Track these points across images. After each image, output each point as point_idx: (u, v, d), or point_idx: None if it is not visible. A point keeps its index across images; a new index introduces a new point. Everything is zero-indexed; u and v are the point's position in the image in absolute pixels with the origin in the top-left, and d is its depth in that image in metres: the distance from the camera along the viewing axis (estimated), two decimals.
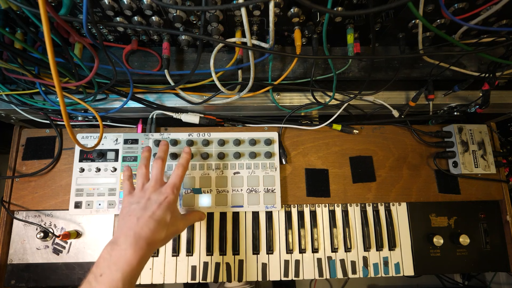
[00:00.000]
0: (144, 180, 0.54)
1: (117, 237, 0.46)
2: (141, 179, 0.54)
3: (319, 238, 0.66)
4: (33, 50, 0.48)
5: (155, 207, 0.49)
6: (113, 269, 0.42)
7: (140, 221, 0.46)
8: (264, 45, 0.52)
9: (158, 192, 0.51)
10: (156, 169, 0.54)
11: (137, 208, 0.49)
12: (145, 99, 0.63)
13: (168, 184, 0.53)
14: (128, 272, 0.42)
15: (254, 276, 0.64)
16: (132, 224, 0.46)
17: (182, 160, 0.57)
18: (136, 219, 0.47)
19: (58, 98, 0.35)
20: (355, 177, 0.69)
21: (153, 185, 0.52)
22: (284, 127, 0.70)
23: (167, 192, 0.51)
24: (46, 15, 0.31)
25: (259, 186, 0.65)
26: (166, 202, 0.50)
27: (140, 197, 0.51)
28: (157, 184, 0.53)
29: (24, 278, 0.62)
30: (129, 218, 0.47)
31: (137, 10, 0.48)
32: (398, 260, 0.66)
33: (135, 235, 0.45)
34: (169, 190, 0.51)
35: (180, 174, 0.54)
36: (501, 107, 0.70)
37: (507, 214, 0.68)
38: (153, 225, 0.47)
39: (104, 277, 0.41)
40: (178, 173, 0.54)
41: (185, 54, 0.63)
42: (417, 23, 0.53)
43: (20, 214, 0.65)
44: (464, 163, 0.66)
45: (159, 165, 0.55)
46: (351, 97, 0.65)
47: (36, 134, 0.68)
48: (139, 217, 0.47)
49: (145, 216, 0.47)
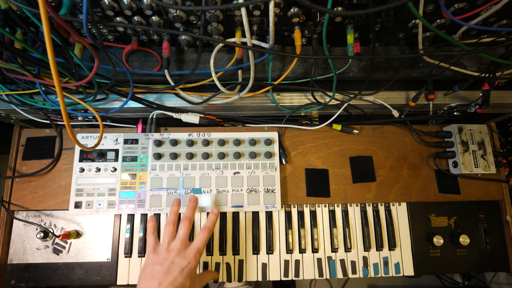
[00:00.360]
0: (170, 239, 0.55)
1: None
2: (167, 237, 0.55)
3: (319, 238, 0.66)
4: (33, 50, 0.48)
5: (177, 273, 0.50)
6: None
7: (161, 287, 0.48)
8: (264, 45, 0.52)
9: (182, 256, 0.52)
10: (183, 230, 0.55)
11: (160, 270, 0.50)
12: (145, 99, 0.63)
13: (192, 248, 0.53)
14: None
15: (254, 276, 0.64)
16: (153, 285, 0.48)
17: (209, 223, 0.57)
18: (158, 283, 0.48)
19: (58, 98, 0.35)
20: (355, 177, 0.69)
21: (179, 247, 0.53)
22: (284, 127, 0.70)
23: (190, 257, 0.52)
24: (46, 15, 0.31)
25: (259, 186, 0.65)
26: (188, 269, 0.51)
27: (164, 259, 0.52)
28: (182, 246, 0.53)
29: (24, 278, 0.62)
30: (152, 280, 0.49)
31: (137, 10, 0.48)
32: (398, 260, 0.66)
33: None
34: (193, 256, 0.52)
35: (205, 239, 0.55)
36: (501, 107, 0.70)
37: (507, 214, 0.68)
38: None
39: None
40: (203, 238, 0.55)
41: (185, 54, 0.63)
42: (417, 23, 0.53)
43: (20, 214, 0.65)
44: (464, 163, 0.66)
45: (186, 226, 0.55)
46: (351, 97, 0.65)
47: (36, 134, 0.68)
48: (161, 282, 0.49)
49: (166, 282, 0.48)
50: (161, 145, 0.66)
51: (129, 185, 0.64)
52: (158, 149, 0.66)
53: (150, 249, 0.54)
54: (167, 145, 0.66)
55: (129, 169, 0.65)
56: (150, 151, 0.65)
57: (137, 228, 0.64)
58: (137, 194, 0.64)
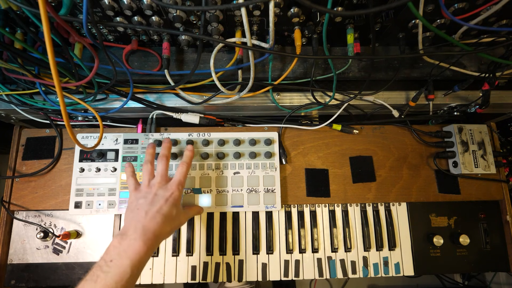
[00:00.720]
0: (150, 176, 0.56)
1: (126, 229, 0.48)
2: (147, 175, 0.56)
3: (319, 238, 0.66)
4: (33, 50, 0.48)
5: (162, 202, 0.51)
6: (123, 256, 0.44)
7: (148, 215, 0.49)
8: (264, 45, 0.52)
9: (164, 188, 0.53)
10: (161, 166, 0.56)
11: (144, 202, 0.51)
12: (145, 99, 0.63)
13: (174, 181, 0.55)
14: (136, 260, 0.44)
15: (254, 276, 0.64)
16: (140, 218, 0.49)
17: (185, 158, 0.59)
18: (145, 212, 0.49)
19: (58, 98, 0.35)
20: (355, 177, 0.69)
21: (159, 181, 0.54)
22: (284, 127, 0.70)
23: (172, 188, 0.53)
24: (46, 15, 0.31)
25: (259, 186, 0.65)
26: (172, 198, 0.52)
27: (147, 193, 0.53)
28: (163, 181, 0.55)
29: (24, 278, 0.62)
30: (138, 211, 0.50)
31: (137, 10, 0.48)
32: (398, 260, 0.66)
33: (144, 228, 0.47)
34: (175, 187, 0.54)
35: (184, 171, 0.57)
36: (501, 107, 0.70)
37: (507, 214, 0.68)
38: (160, 219, 0.49)
39: (114, 262, 0.43)
40: (182, 171, 0.57)
41: (185, 54, 0.63)
42: (417, 23, 0.53)
43: (20, 214, 0.65)
44: (464, 163, 0.66)
45: (163, 162, 0.57)
46: (351, 97, 0.65)
47: (36, 134, 0.68)
48: (147, 211, 0.49)
49: (153, 210, 0.50)
50: (161, 145, 0.66)
51: None
52: (158, 149, 0.66)
53: (131, 189, 0.55)
54: None
55: None
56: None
57: None
58: None
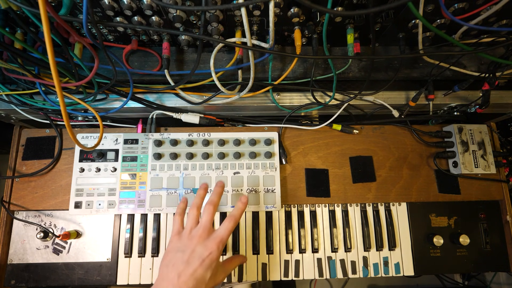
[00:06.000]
0: (193, 224, 0.54)
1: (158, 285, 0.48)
2: (190, 222, 0.54)
3: (319, 238, 0.66)
4: (33, 50, 0.48)
5: (198, 264, 0.49)
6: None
7: (180, 279, 0.47)
8: (264, 45, 0.52)
9: (203, 245, 0.50)
10: (206, 215, 0.53)
11: (180, 259, 0.49)
12: (145, 99, 0.63)
13: (215, 237, 0.51)
14: None
15: (254, 276, 0.64)
16: (173, 279, 0.47)
17: (236, 211, 0.55)
18: (178, 275, 0.48)
19: (58, 98, 0.35)
20: (355, 177, 0.69)
21: (200, 234, 0.51)
22: (284, 127, 0.70)
23: (212, 247, 0.50)
24: (46, 15, 0.31)
25: (259, 186, 0.65)
26: (209, 259, 0.49)
27: (186, 246, 0.51)
28: (205, 233, 0.52)
29: (24, 278, 0.62)
30: (172, 270, 0.48)
31: (137, 10, 0.48)
32: (398, 260, 0.66)
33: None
34: (215, 246, 0.50)
35: (230, 228, 0.53)
36: (501, 107, 0.70)
37: (507, 214, 0.68)
38: (192, 284, 0.47)
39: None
40: (228, 227, 0.53)
41: (185, 54, 0.63)
42: (417, 23, 0.53)
43: (20, 214, 0.65)
44: (464, 163, 0.66)
45: (210, 211, 0.54)
46: (351, 97, 0.65)
47: (36, 134, 0.68)
48: (180, 273, 0.48)
49: (186, 273, 0.48)
50: (161, 145, 0.66)
51: (129, 185, 0.64)
52: (158, 149, 0.66)
53: (174, 231, 0.54)
54: (167, 145, 0.66)
55: (129, 169, 0.65)
56: (150, 151, 0.65)
57: (137, 228, 0.64)
58: (137, 194, 0.64)
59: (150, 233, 0.64)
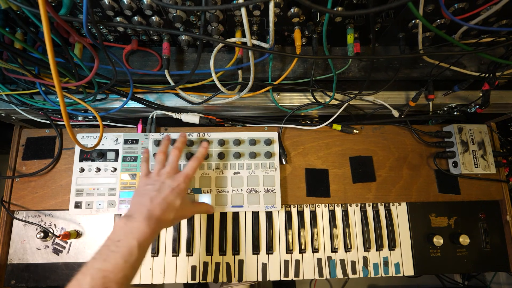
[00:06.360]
0: (161, 166, 0.58)
1: (132, 212, 0.50)
2: (158, 164, 0.58)
3: (319, 238, 0.66)
4: (33, 50, 0.48)
5: (168, 191, 0.52)
6: (129, 237, 0.45)
7: (153, 201, 0.50)
8: (264, 45, 0.52)
9: (172, 178, 0.55)
10: (172, 157, 0.58)
11: (151, 189, 0.53)
12: (145, 99, 0.63)
13: (182, 173, 0.56)
14: (142, 241, 0.45)
15: (254, 276, 0.64)
16: (146, 202, 0.50)
17: (198, 154, 0.60)
18: (150, 199, 0.51)
19: (58, 98, 0.35)
20: (355, 177, 0.69)
21: (168, 171, 0.56)
22: (284, 127, 0.70)
23: (180, 180, 0.55)
24: (46, 15, 0.31)
25: (259, 186, 0.65)
26: (178, 188, 0.54)
27: (155, 180, 0.55)
28: (172, 171, 0.56)
29: (24, 278, 0.62)
30: (144, 197, 0.52)
31: (137, 10, 0.48)
32: (398, 260, 0.66)
33: (149, 212, 0.49)
34: (182, 179, 0.55)
35: (194, 166, 0.58)
36: (501, 107, 0.70)
37: (507, 214, 0.68)
38: (165, 206, 0.51)
39: (122, 242, 0.44)
40: (193, 165, 0.58)
41: (185, 54, 0.63)
42: (417, 23, 0.53)
43: (20, 214, 0.65)
44: (464, 163, 0.66)
45: (175, 154, 0.58)
46: (351, 97, 0.65)
47: (36, 134, 0.68)
48: (152, 197, 0.51)
49: (158, 197, 0.51)
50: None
51: (129, 185, 0.64)
52: (158, 149, 0.66)
53: (142, 174, 0.58)
54: None
55: (129, 169, 0.65)
56: (150, 151, 0.65)
57: None
58: None
59: None
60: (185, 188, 0.55)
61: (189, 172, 0.57)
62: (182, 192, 0.54)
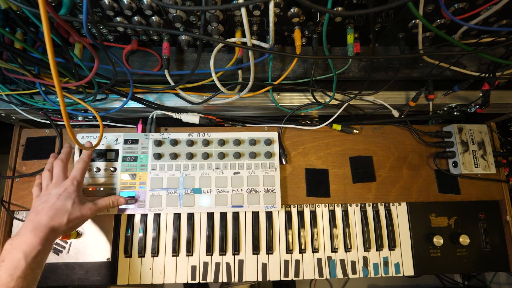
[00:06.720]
0: (48, 181, 0.58)
1: (18, 231, 0.49)
2: (45, 181, 0.58)
3: (319, 238, 0.66)
4: (33, 50, 0.48)
5: (55, 198, 0.53)
6: (14, 253, 0.45)
7: (40, 213, 0.50)
8: (264, 45, 0.52)
9: (58, 187, 0.55)
10: (56, 169, 0.58)
11: (39, 204, 0.53)
12: (145, 99, 0.63)
13: (68, 178, 0.56)
14: (29, 251, 0.45)
15: (254, 276, 0.64)
16: (31, 217, 0.50)
17: (83, 156, 0.60)
18: (36, 212, 0.51)
19: (58, 98, 0.35)
20: (355, 177, 0.69)
21: (54, 182, 0.56)
22: (284, 127, 0.70)
23: (66, 184, 0.55)
24: (46, 15, 0.31)
25: (259, 186, 0.65)
26: (66, 193, 0.54)
27: (43, 195, 0.55)
28: (58, 181, 0.56)
29: None
30: (31, 214, 0.51)
31: (137, 10, 0.48)
32: (398, 260, 0.66)
33: (34, 223, 0.49)
34: (69, 183, 0.55)
35: (80, 167, 0.58)
36: (501, 107, 0.70)
37: (507, 214, 0.68)
38: (52, 212, 0.50)
39: (7, 261, 0.44)
40: (78, 167, 0.58)
41: (185, 54, 0.63)
42: (417, 23, 0.53)
43: (20, 214, 0.65)
44: (464, 163, 0.66)
45: (59, 165, 0.58)
46: (351, 97, 0.65)
47: (36, 134, 0.68)
48: (38, 210, 0.51)
49: (45, 207, 0.51)
50: (161, 145, 0.66)
51: (129, 185, 0.64)
52: (158, 149, 0.66)
53: (34, 197, 0.57)
54: (167, 145, 0.66)
55: (129, 169, 0.65)
56: (150, 151, 0.65)
57: (137, 228, 0.64)
58: (137, 194, 0.64)
59: (150, 233, 0.64)
60: (75, 190, 0.55)
61: (76, 174, 0.57)
62: (71, 194, 0.54)
